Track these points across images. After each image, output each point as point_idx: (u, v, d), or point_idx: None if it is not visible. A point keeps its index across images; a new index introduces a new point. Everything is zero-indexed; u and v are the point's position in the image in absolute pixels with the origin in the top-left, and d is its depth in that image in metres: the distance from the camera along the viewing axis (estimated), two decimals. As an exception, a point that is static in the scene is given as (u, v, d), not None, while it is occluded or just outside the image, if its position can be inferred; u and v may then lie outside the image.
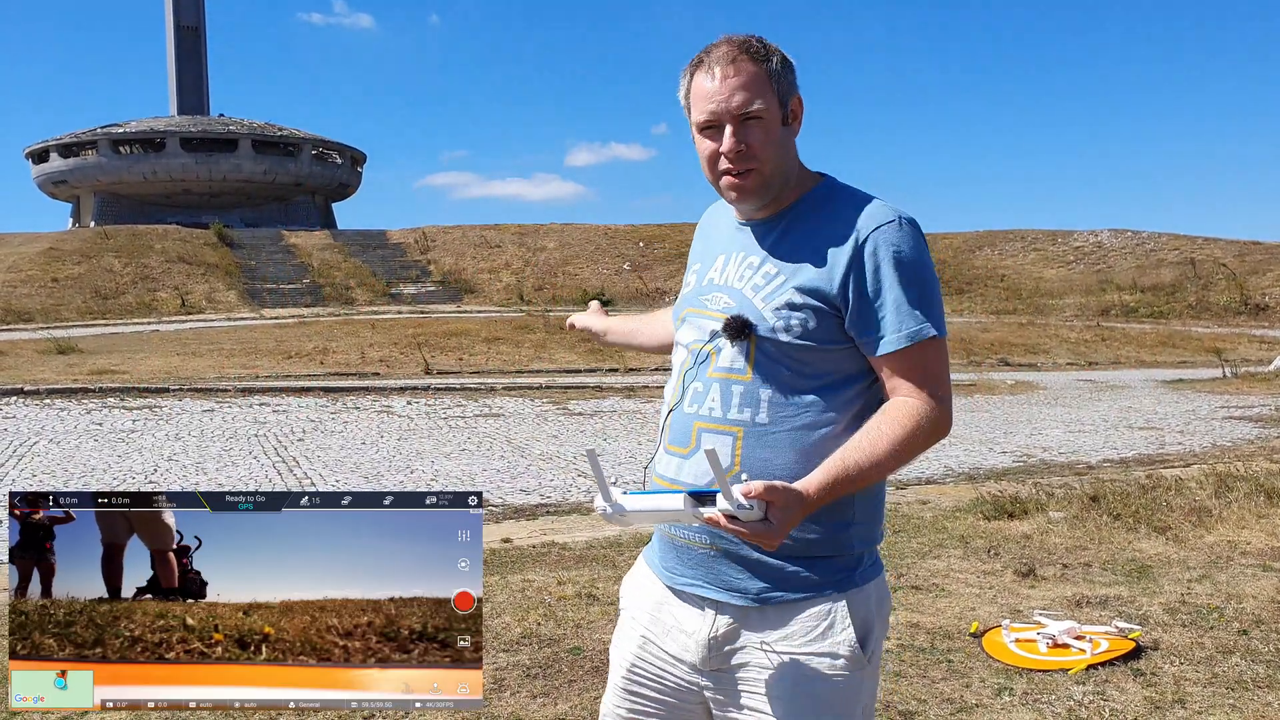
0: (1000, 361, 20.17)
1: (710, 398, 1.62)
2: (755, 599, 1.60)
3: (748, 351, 1.58)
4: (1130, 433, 10.98)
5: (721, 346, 1.61)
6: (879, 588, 1.66)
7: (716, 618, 1.63)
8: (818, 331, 1.56)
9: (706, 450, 1.40)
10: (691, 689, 1.68)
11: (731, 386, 1.60)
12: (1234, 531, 5.58)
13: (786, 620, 1.59)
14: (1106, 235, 38.25)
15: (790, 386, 1.57)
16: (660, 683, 1.70)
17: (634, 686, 1.72)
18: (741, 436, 1.58)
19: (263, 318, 26.19)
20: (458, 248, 37.86)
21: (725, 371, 1.61)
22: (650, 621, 1.72)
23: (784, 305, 1.57)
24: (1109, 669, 3.60)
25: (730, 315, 1.60)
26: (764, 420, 1.57)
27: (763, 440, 1.57)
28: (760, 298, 1.59)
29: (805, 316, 1.56)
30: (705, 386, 1.63)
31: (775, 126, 1.59)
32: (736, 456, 1.58)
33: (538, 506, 7.19)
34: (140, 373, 15.58)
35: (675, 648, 1.68)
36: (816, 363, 1.57)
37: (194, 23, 55.84)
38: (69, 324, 24.56)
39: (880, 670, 1.73)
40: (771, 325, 1.57)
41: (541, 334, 21.00)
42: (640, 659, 1.72)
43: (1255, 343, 23.09)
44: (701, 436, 1.61)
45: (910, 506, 6.62)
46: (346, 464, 8.95)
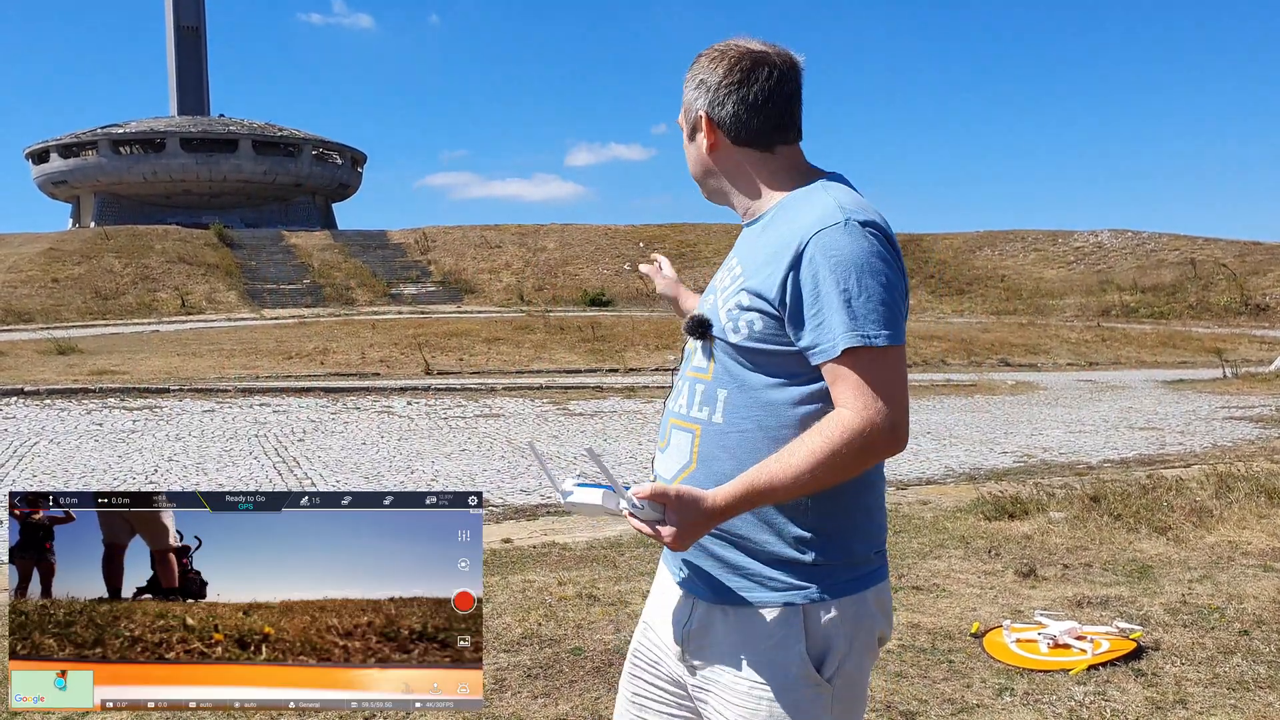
0: (1001, 362, 20.17)
1: (682, 395, 1.67)
2: (716, 598, 1.61)
3: (709, 351, 1.62)
4: (1131, 433, 10.97)
5: (694, 348, 1.67)
6: (856, 605, 1.58)
7: (694, 611, 1.65)
8: (764, 334, 1.55)
9: (587, 449, 1.48)
10: (679, 677, 1.69)
11: (696, 385, 1.64)
12: (1235, 532, 5.57)
13: (742, 625, 1.59)
14: (1107, 235, 38.26)
15: (745, 388, 1.58)
16: (655, 669, 1.73)
17: (636, 670, 1.76)
18: (699, 434, 1.62)
19: (263, 318, 26.20)
20: (458, 248, 37.86)
21: (695, 370, 1.66)
22: (653, 608, 1.76)
23: (734, 306, 1.58)
24: (1110, 669, 3.59)
25: (691, 316, 1.65)
26: (719, 420, 1.59)
27: (716, 440, 1.60)
28: (721, 299, 1.63)
29: (752, 319, 1.56)
30: (681, 385, 1.69)
31: (688, 141, 1.71)
32: (694, 453, 1.61)
33: (538, 507, 7.19)
34: (140, 373, 15.58)
35: (666, 636, 1.71)
36: (768, 365, 1.56)
37: (194, 23, 55.87)
38: (69, 324, 24.57)
39: (868, 688, 1.69)
40: (723, 326, 1.60)
41: (542, 334, 21.00)
42: (641, 643, 1.77)
43: (1256, 343, 23.09)
44: (672, 433, 1.67)
45: (911, 507, 6.62)
46: (347, 464, 8.95)
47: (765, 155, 1.66)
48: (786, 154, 1.67)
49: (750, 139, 1.65)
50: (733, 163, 1.67)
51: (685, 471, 1.61)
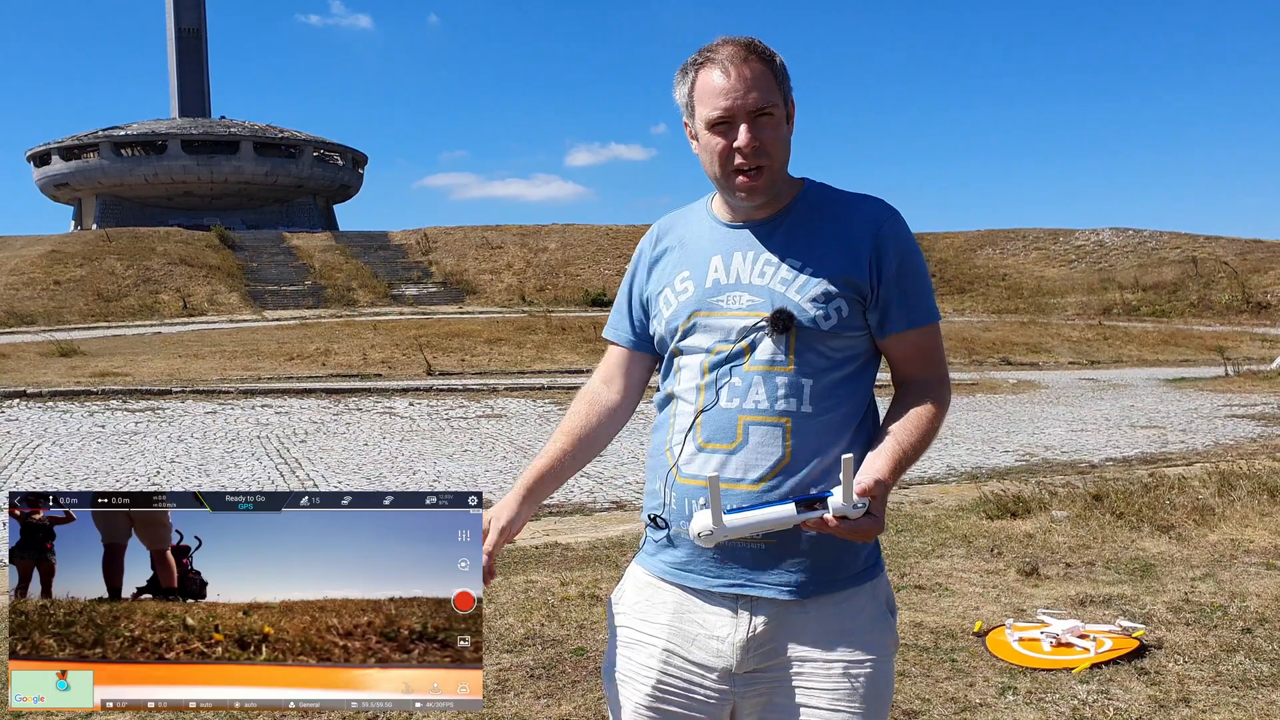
0: (1002, 361, 20.15)
1: (754, 392, 1.61)
2: (798, 592, 1.61)
3: (788, 344, 1.61)
4: (1133, 431, 10.97)
5: (758, 341, 1.62)
6: (884, 572, 1.75)
7: (753, 618, 1.62)
8: (850, 319, 1.63)
9: (844, 458, 1.48)
10: (721, 698, 1.65)
11: (775, 378, 1.61)
12: (1237, 530, 5.57)
13: (831, 609, 1.63)
14: (1108, 234, 38.24)
15: (827, 375, 1.63)
16: (688, 696, 1.66)
17: (661, 704, 1.67)
18: (790, 427, 1.61)
19: (265, 319, 26.22)
20: (459, 249, 37.88)
21: (766, 364, 1.61)
22: (670, 634, 1.67)
23: (819, 296, 1.61)
24: (1113, 668, 3.59)
25: (775, 309, 1.61)
26: (809, 410, 1.61)
27: (811, 428, 1.61)
28: (793, 291, 1.62)
29: (840, 305, 1.61)
30: (745, 381, 1.62)
31: (783, 125, 1.63)
32: (787, 446, 1.60)
33: (540, 507, 7.19)
34: (143, 375, 15.60)
35: (703, 656, 1.65)
36: (845, 349, 1.64)
37: (195, 25, 55.92)
38: (71, 326, 24.60)
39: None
40: (812, 316, 1.61)
41: (543, 334, 21.00)
42: (665, 674, 1.67)
43: (1257, 341, 23.06)
44: (749, 430, 1.61)
45: (913, 506, 6.61)
46: (349, 465, 8.96)
47: None
48: None
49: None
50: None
51: (780, 465, 1.59)
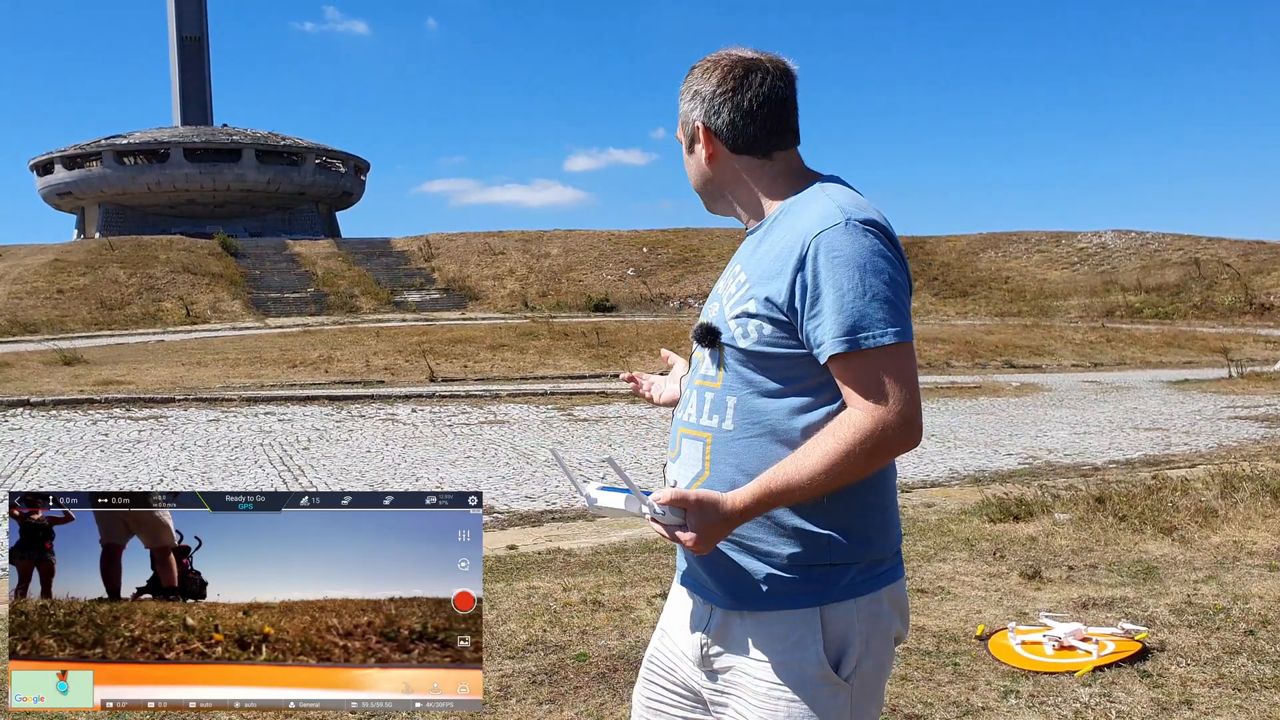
0: (1005, 363, 20.14)
1: (691, 404, 1.67)
2: (734, 604, 1.61)
3: (718, 359, 1.62)
4: (1136, 434, 10.95)
5: (703, 355, 1.66)
6: (872, 605, 1.60)
7: (712, 617, 1.65)
8: (773, 338, 1.55)
9: (607, 459, 1.50)
10: (695, 685, 1.70)
11: (705, 393, 1.64)
12: (1240, 532, 5.56)
13: (759, 628, 1.60)
14: (1110, 236, 38.21)
15: (755, 394, 1.58)
16: (670, 676, 1.74)
17: (651, 676, 1.77)
18: (710, 442, 1.61)
19: (267, 327, 26.25)
20: (461, 255, 37.90)
21: (702, 379, 1.65)
22: (671, 615, 1.77)
23: (741, 313, 1.58)
24: (1115, 671, 3.58)
25: (700, 324, 1.64)
26: (729, 427, 1.59)
27: (728, 446, 1.59)
28: (728, 305, 1.62)
29: (760, 324, 1.55)
30: (690, 393, 1.68)
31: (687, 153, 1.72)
32: (706, 461, 1.61)
33: (543, 513, 7.19)
34: (146, 383, 15.62)
35: (685, 644, 1.71)
36: (777, 369, 1.56)
37: (196, 33, 56.01)
38: (74, 335, 24.63)
39: (885, 689, 1.71)
40: (732, 333, 1.59)
41: (546, 340, 21.01)
42: (657, 649, 1.77)
43: (1261, 342, 23.04)
44: (682, 441, 1.67)
45: (915, 509, 6.60)
46: (352, 472, 8.96)
47: (763, 162, 1.65)
48: (784, 160, 1.66)
49: (747, 146, 1.64)
50: (731, 172, 1.67)
51: (699, 479, 1.61)
